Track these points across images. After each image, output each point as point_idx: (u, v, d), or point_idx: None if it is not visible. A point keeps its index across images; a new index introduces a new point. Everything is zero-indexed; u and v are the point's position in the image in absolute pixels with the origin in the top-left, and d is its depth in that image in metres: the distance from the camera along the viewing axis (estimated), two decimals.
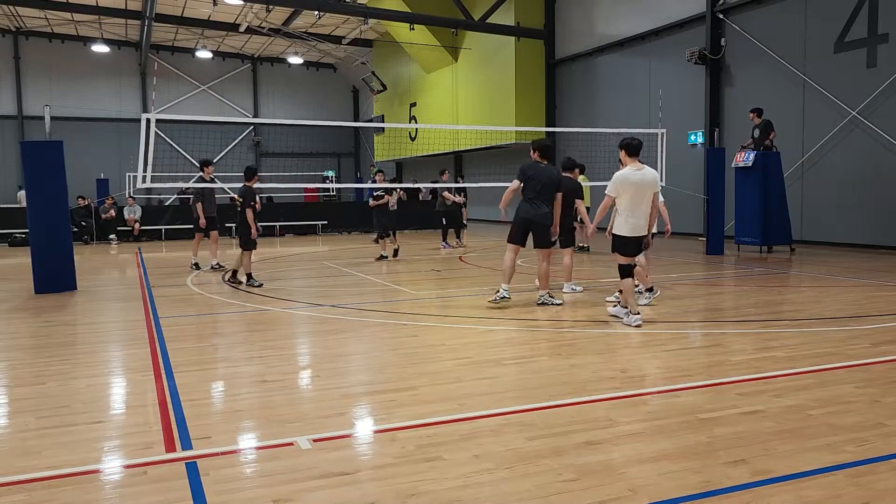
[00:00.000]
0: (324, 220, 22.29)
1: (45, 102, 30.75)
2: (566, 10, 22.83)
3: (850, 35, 14.06)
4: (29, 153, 9.95)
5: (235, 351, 6.27)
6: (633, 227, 6.94)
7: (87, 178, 27.50)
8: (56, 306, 8.82)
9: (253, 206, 10.02)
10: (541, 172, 8.09)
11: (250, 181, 10.14)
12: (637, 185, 6.87)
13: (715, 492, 3.13)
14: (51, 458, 3.68)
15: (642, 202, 6.93)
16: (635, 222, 6.93)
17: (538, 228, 8.15)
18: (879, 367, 5.28)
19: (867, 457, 3.51)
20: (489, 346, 6.26)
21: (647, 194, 6.94)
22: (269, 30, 28.40)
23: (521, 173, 8.14)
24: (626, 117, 19.72)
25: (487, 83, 24.56)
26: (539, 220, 8.09)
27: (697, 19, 17.51)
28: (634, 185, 6.86)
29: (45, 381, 5.22)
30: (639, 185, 6.87)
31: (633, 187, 6.86)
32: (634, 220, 6.92)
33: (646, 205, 6.95)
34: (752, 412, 4.23)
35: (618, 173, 6.98)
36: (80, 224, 19.32)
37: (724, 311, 7.88)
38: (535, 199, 8.07)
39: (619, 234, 7.01)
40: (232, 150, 34.31)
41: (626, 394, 4.68)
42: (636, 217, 6.92)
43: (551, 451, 3.63)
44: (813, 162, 14.93)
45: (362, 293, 9.67)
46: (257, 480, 3.37)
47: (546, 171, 8.14)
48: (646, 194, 6.93)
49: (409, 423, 4.15)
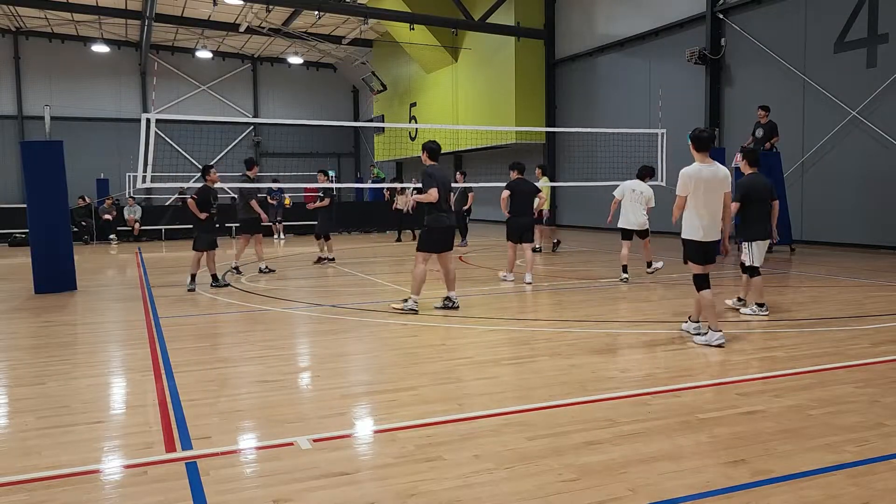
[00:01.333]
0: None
1: (45, 102, 30.74)
2: (566, 10, 22.83)
3: (850, 35, 14.06)
4: (29, 153, 9.96)
5: (235, 351, 6.27)
6: (705, 230, 6.15)
7: (87, 178, 27.51)
8: (56, 306, 8.82)
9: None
10: (444, 175, 7.96)
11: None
12: (708, 182, 6.10)
13: (715, 492, 3.13)
14: (51, 458, 3.68)
15: (713, 201, 6.16)
16: (707, 224, 6.14)
17: (452, 233, 8.07)
18: (879, 367, 5.28)
19: (867, 457, 3.51)
20: (489, 346, 6.25)
21: (718, 193, 6.20)
22: (269, 30, 28.39)
23: (429, 178, 7.80)
24: (626, 117, 19.73)
25: (487, 83, 24.56)
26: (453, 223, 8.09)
27: (697, 19, 17.51)
28: (705, 182, 6.10)
29: (45, 381, 5.22)
30: (709, 182, 6.10)
31: (703, 184, 6.09)
32: (705, 222, 6.14)
33: (718, 204, 6.20)
34: (752, 412, 4.23)
35: (686, 169, 6.22)
36: (80, 224, 19.32)
37: (724, 311, 7.87)
38: (442, 206, 7.89)
39: (691, 239, 6.23)
40: (232, 150, 34.31)
41: (626, 394, 4.68)
42: (707, 219, 6.14)
43: (551, 451, 3.63)
44: (813, 162, 14.93)
45: (362, 293, 9.66)
46: (257, 480, 3.37)
47: (446, 173, 8.09)
48: (717, 193, 6.18)
49: (409, 423, 4.15)
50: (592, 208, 22.13)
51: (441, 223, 7.83)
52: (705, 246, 6.17)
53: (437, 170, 7.90)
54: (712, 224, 6.17)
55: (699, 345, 6.05)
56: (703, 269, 6.22)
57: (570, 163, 22.68)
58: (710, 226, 6.16)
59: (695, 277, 6.26)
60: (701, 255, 6.20)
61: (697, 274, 6.23)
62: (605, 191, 19.72)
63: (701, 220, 6.13)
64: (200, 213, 9.82)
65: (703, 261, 6.21)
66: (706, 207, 6.11)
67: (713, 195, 6.14)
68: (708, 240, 6.17)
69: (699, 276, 6.22)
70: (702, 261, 6.21)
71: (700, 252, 6.19)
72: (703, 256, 6.20)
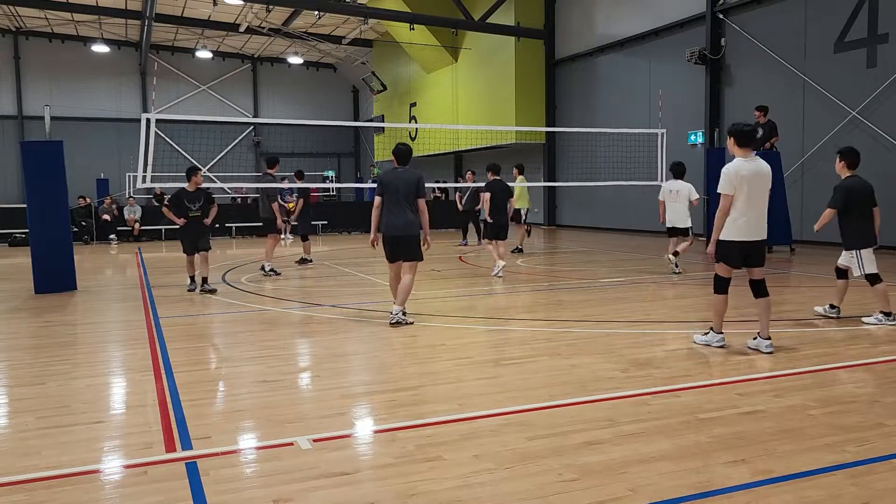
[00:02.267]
0: (324, 221, 22.28)
1: (45, 102, 30.74)
2: (566, 10, 22.83)
3: (850, 35, 14.06)
4: (29, 153, 9.96)
5: (235, 351, 6.27)
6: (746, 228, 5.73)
7: (87, 178, 27.51)
8: (56, 306, 8.82)
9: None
10: (397, 178, 7.19)
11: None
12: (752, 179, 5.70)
13: (715, 492, 3.12)
14: (51, 458, 3.68)
15: (758, 199, 5.75)
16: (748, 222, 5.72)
17: (404, 241, 7.18)
18: (879, 367, 5.28)
19: (867, 457, 3.51)
20: (489, 346, 6.25)
21: (763, 190, 5.80)
22: (269, 30, 28.39)
23: (378, 184, 7.24)
24: (626, 117, 19.73)
25: (487, 83, 24.55)
26: (405, 231, 7.14)
27: (697, 19, 17.51)
28: (748, 180, 5.69)
29: (45, 381, 5.22)
30: (753, 178, 5.70)
31: (747, 182, 5.69)
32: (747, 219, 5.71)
33: (763, 202, 5.79)
34: (752, 412, 4.23)
35: (729, 166, 5.84)
36: (80, 224, 19.32)
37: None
38: (395, 207, 7.16)
39: (730, 240, 5.75)
40: (232, 150, 34.32)
41: (626, 394, 4.68)
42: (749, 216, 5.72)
43: (551, 451, 3.63)
44: (813, 162, 14.93)
45: (362, 293, 9.66)
46: (257, 480, 3.37)
47: (403, 175, 7.22)
48: (761, 190, 5.79)
49: (409, 423, 4.15)
50: (592, 208, 22.15)
51: (383, 230, 7.20)
52: (747, 247, 5.72)
53: (390, 173, 7.26)
54: (758, 223, 5.72)
55: (699, 344, 6.04)
56: (728, 273, 5.86)
57: (570, 163, 22.68)
58: (756, 225, 5.71)
59: (716, 279, 5.92)
60: (739, 257, 5.76)
61: (721, 276, 5.89)
62: (606, 191, 19.81)
63: (746, 219, 5.67)
64: (178, 218, 9.57)
65: (739, 263, 5.80)
66: (751, 205, 5.67)
67: (758, 192, 5.71)
68: (751, 239, 5.71)
69: (721, 279, 5.89)
70: (739, 263, 5.80)
71: (739, 254, 5.74)
72: (741, 259, 5.78)
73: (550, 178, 23.54)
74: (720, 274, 5.90)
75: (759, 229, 5.75)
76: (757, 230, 5.73)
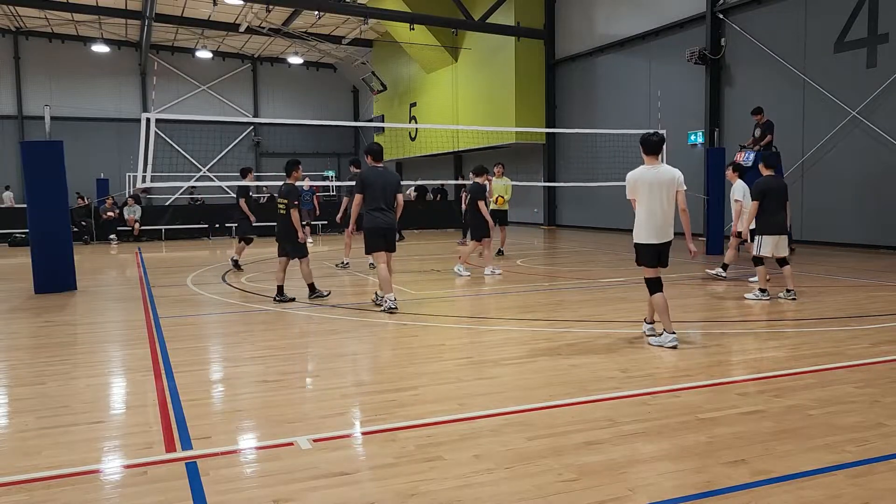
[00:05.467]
0: (324, 221, 22.26)
1: (45, 102, 30.76)
2: (566, 10, 22.83)
3: (850, 35, 14.06)
4: (29, 153, 9.96)
5: (235, 351, 6.27)
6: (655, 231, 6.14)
7: (87, 178, 27.52)
8: (56, 306, 8.82)
9: (297, 206, 8.75)
10: (379, 176, 7.97)
11: (291, 177, 8.92)
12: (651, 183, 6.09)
13: (715, 492, 3.13)
14: (51, 458, 3.67)
15: (661, 204, 6.12)
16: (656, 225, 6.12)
17: (391, 234, 8.12)
18: (879, 367, 5.28)
19: (867, 457, 3.51)
20: (489, 346, 6.25)
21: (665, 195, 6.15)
22: (269, 30, 28.40)
23: (358, 183, 7.97)
24: (626, 117, 19.73)
25: (487, 83, 24.56)
26: (391, 224, 8.07)
27: (697, 19, 17.52)
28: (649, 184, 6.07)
29: (45, 381, 5.22)
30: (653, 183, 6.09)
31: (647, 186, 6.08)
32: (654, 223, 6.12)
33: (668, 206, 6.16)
34: (752, 412, 4.23)
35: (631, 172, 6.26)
36: (80, 224, 19.32)
37: (724, 311, 7.88)
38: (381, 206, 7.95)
39: (643, 243, 6.21)
40: (232, 150, 34.32)
41: (626, 394, 4.68)
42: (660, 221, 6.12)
43: (551, 451, 3.63)
44: (813, 162, 14.93)
45: (362, 293, 9.66)
46: (257, 480, 3.37)
47: (385, 175, 8.06)
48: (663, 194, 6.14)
49: (409, 423, 4.15)
50: (592, 208, 22.15)
51: (373, 223, 7.95)
52: (659, 248, 6.15)
53: (372, 172, 7.96)
54: (665, 225, 6.12)
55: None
56: (654, 273, 6.19)
57: (570, 163, 22.69)
58: (664, 228, 6.12)
59: (646, 281, 6.23)
60: (655, 257, 6.17)
61: (649, 277, 6.21)
62: (606, 191, 19.79)
63: (654, 223, 6.09)
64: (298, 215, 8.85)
65: (655, 263, 6.18)
66: (655, 210, 6.06)
67: (660, 197, 6.06)
68: (662, 241, 6.15)
69: (651, 280, 6.20)
70: (655, 263, 6.18)
71: (654, 254, 6.16)
72: (656, 259, 6.18)
73: (550, 179, 23.54)
74: (648, 276, 6.21)
75: (667, 232, 6.14)
76: (665, 233, 6.13)
